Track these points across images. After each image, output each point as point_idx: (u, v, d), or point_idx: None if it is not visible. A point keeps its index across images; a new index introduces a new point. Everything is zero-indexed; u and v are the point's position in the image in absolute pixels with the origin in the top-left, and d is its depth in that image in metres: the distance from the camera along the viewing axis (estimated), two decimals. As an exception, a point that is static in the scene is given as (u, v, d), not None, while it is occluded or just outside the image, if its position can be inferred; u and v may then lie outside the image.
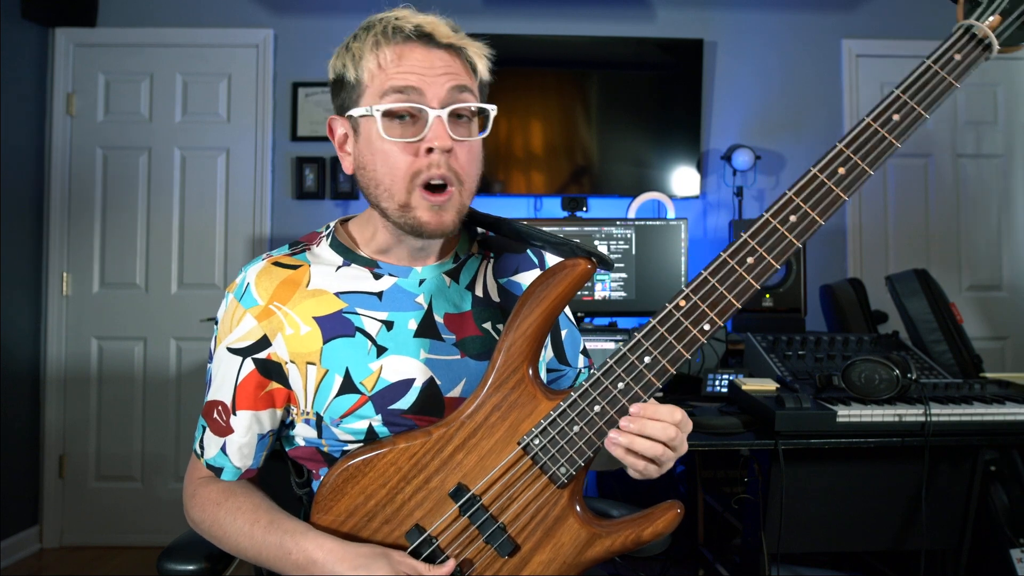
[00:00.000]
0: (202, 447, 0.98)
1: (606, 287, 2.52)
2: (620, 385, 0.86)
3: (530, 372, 0.90)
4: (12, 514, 2.96)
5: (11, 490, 2.92)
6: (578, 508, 0.88)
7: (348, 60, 0.91)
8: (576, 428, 0.86)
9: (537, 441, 0.87)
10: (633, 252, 2.52)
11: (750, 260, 0.85)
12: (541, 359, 1.05)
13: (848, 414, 1.61)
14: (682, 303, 0.85)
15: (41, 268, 3.15)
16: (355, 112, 0.91)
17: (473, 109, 0.92)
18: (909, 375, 1.66)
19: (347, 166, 0.97)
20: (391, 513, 0.89)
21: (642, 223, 2.54)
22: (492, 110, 0.94)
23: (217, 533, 0.94)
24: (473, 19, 3.14)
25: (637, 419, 0.84)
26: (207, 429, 0.97)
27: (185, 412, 3.17)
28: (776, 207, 0.85)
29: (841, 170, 0.85)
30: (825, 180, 0.85)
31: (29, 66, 3.07)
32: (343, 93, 0.94)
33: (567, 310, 1.14)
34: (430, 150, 0.88)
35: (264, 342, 0.94)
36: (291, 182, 3.22)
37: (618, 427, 0.85)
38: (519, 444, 0.88)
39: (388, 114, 0.88)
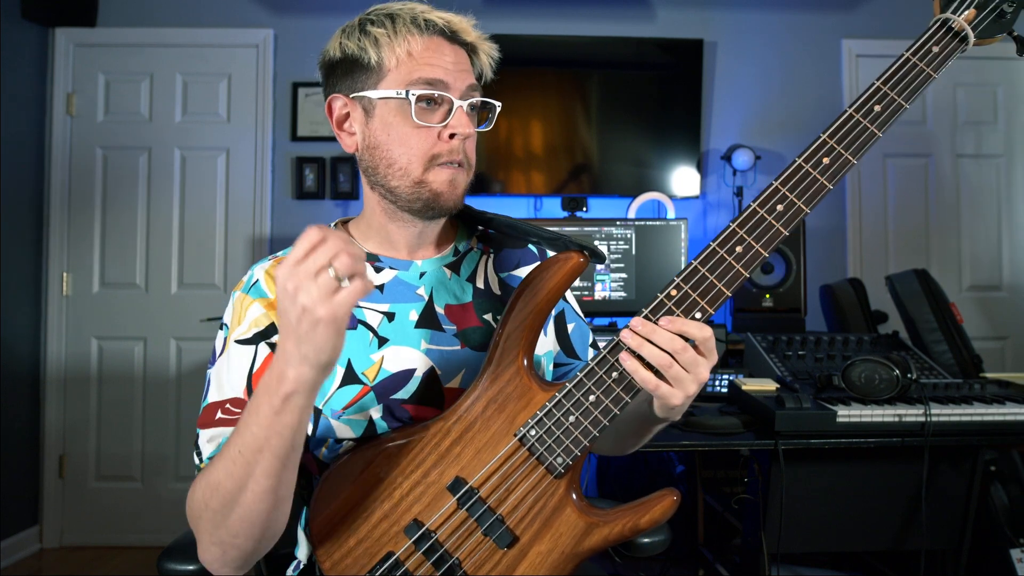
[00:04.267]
0: (201, 456, 0.91)
1: (606, 287, 2.52)
2: (614, 374, 0.86)
3: (525, 363, 0.90)
4: (12, 514, 2.96)
5: (11, 490, 2.92)
6: (575, 497, 0.88)
7: (368, 43, 0.93)
8: (572, 418, 0.87)
9: (533, 432, 0.88)
10: (633, 252, 2.52)
11: (739, 249, 0.87)
12: (542, 352, 1.06)
13: (848, 414, 1.61)
14: (673, 292, 0.87)
15: (41, 268, 3.15)
16: (373, 94, 0.93)
17: (478, 104, 0.98)
18: (909, 375, 1.66)
19: (349, 145, 0.98)
20: (389, 508, 0.89)
21: (642, 223, 2.54)
22: (498, 106, 1.00)
23: (211, 482, 0.81)
24: (473, 19, 3.14)
25: (646, 324, 0.84)
26: (210, 437, 0.91)
27: (185, 412, 3.17)
28: (763, 197, 0.87)
29: (825, 160, 0.87)
30: (810, 170, 0.87)
31: (29, 66, 3.07)
32: (355, 74, 0.95)
33: (574, 303, 1.16)
34: (451, 136, 0.93)
35: (272, 329, 0.95)
36: (291, 182, 3.22)
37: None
38: (515, 435, 0.88)
39: (419, 100, 0.92)
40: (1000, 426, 1.63)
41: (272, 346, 0.94)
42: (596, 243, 2.51)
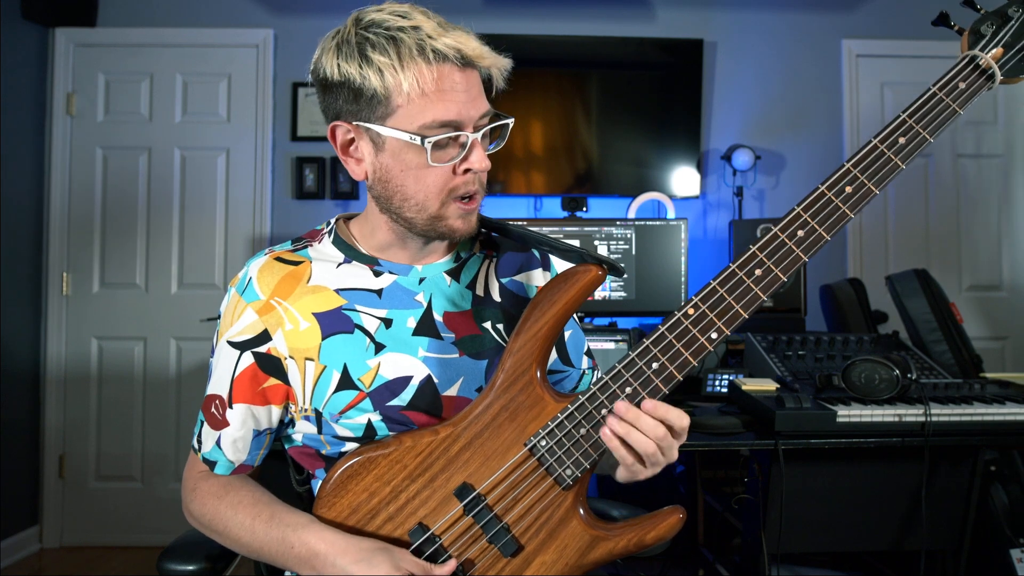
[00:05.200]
0: (200, 441, 0.99)
1: (606, 287, 2.52)
2: (628, 390, 0.87)
3: (539, 375, 0.90)
4: (12, 514, 2.96)
5: (11, 490, 2.92)
6: (582, 511, 0.89)
7: (370, 72, 0.86)
8: (583, 431, 0.87)
9: (544, 443, 0.88)
10: (633, 252, 2.52)
11: (758, 272, 0.87)
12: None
13: (848, 414, 1.61)
14: (691, 311, 0.87)
15: (41, 268, 3.15)
16: (383, 131, 0.89)
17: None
18: (909, 375, 1.66)
19: (358, 173, 0.95)
20: (394, 511, 0.89)
21: (642, 223, 2.54)
22: (511, 122, 0.96)
23: (218, 527, 0.94)
24: (473, 19, 3.12)
25: (631, 410, 0.85)
26: (205, 423, 0.98)
27: (185, 412, 3.16)
28: (785, 221, 0.88)
29: (848, 189, 0.88)
30: (832, 198, 0.88)
31: (29, 66, 3.07)
32: (359, 102, 0.89)
33: None
34: (467, 171, 0.92)
35: (264, 336, 0.94)
36: (291, 182, 3.22)
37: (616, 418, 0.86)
38: (526, 445, 0.88)
39: (429, 149, 0.88)
40: (1000, 426, 1.63)
41: (257, 355, 0.95)
42: (596, 243, 2.52)
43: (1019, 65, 0.92)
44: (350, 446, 0.95)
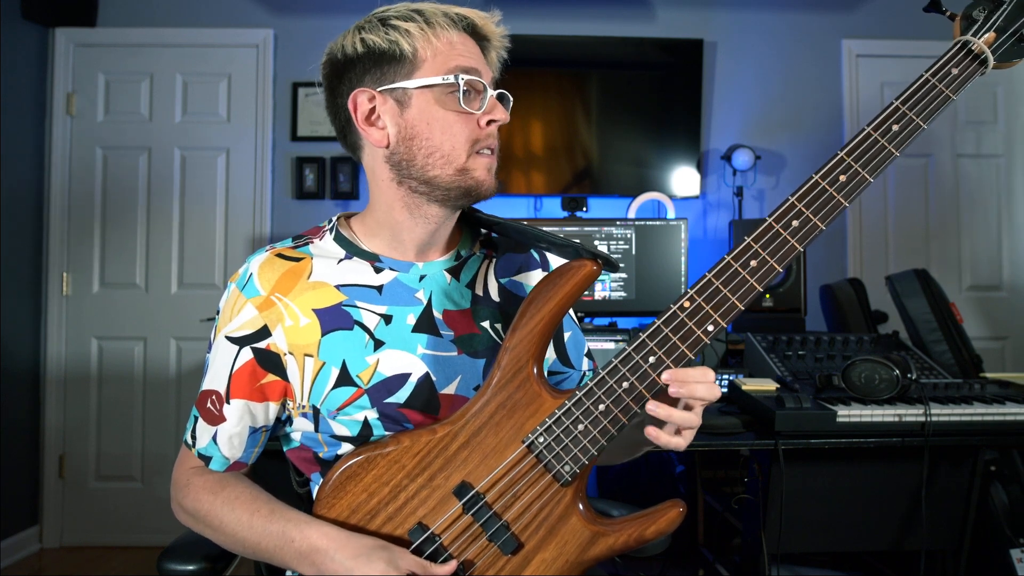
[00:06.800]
0: (194, 437, 0.99)
1: (606, 287, 2.52)
2: (625, 384, 0.86)
3: (535, 371, 0.90)
4: (12, 514, 2.96)
5: (11, 490, 2.92)
6: (581, 507, 0.88)
7: (398, 35, 0.92)
8: (581, 427, 0.87)
9: (542, 439, 0.88)
10: (633, 252, 2.52)
11: (753, 263, 0.87)
12: (544, 359, 1.05)
13: (848, 414, 1.61)
14: (686, 304, 0.86)
15: (41, 268, 3.15)
16: (411, 84, 0.92)
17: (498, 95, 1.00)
18: (909, 375, 1.65)
19: (378, 139, 0.95)
20: (394, 511, 0.89)
21: (642, 223, 2.54)
22: (511, 100, 1.02)
23: (213, 523, 0.94)
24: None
25: (687, 384, 0.85)
26: (199, 419, 0.98)
27: (185, 412, 3.17)
28: (779, 212, 0.87)
29: (842, 177, 0.88)
30: (827, 187, 0.87)
31: (29, 66, 3.07)
32: (382, 67, 0.93)
33: (571, 313, 1.16)
34: (489, 123, 0.96)
35: (264, 332, 0.94)
36: (291, 182, 3.22)
37: (659, 395, 0.87)
38: (523, 442, 0.88)
39: (464, 86, 0.93)
40: (1000, 426, 1.62)
41: (256, 351, 0.94)
42: (596, 243, 2.52)
43: (1012, 49, 0.92)
44: (346, 447, 0.95)
